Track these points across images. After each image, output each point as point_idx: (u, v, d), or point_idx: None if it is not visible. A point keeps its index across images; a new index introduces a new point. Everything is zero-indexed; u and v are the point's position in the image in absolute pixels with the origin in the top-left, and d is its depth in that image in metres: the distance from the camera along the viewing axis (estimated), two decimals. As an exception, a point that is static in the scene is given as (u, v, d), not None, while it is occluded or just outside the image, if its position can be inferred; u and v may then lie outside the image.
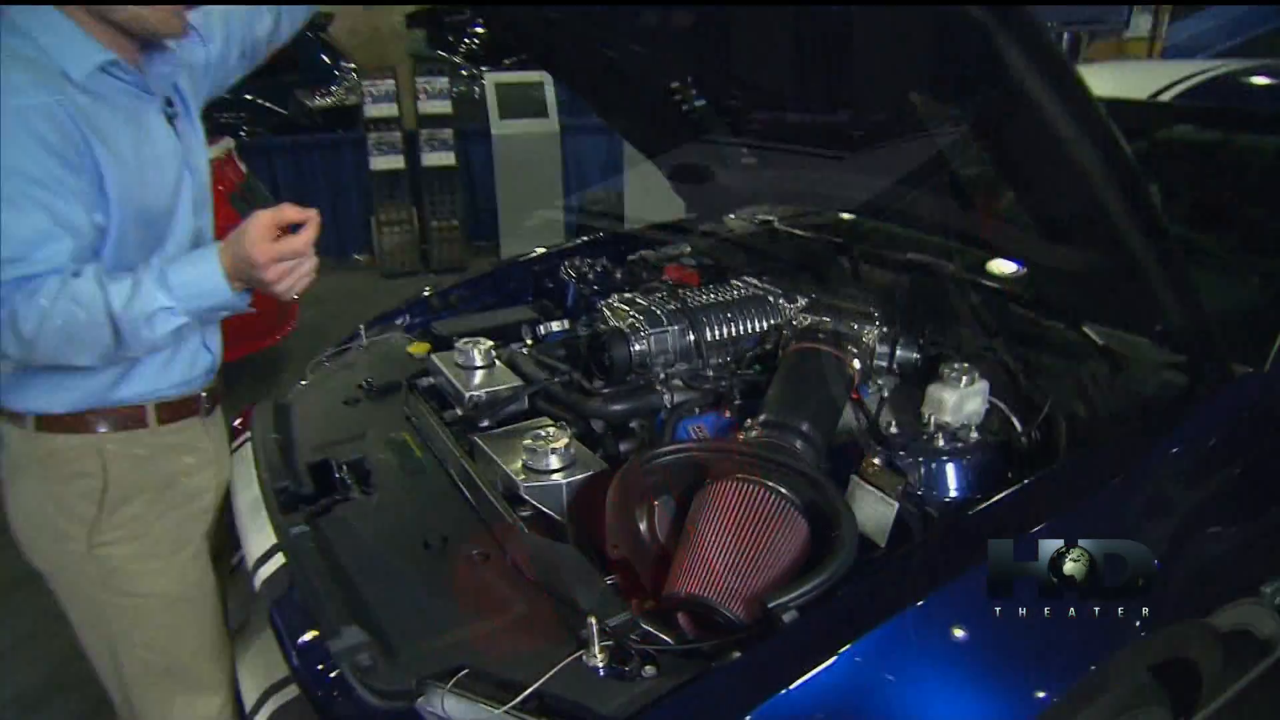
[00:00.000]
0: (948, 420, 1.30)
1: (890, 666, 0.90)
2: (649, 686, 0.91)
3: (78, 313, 0.99)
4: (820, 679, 0.88)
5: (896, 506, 1.17)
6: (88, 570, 1.22)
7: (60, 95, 1.01)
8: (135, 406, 1.20)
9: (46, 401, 1.16)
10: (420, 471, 1.38)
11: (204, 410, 1.32)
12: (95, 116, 1.05)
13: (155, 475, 1.24)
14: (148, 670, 1.26)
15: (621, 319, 1.58)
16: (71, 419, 1.17)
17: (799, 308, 1.64)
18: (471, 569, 1.12)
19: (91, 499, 1.19)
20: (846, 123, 1.63)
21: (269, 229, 1.03)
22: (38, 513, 1.21)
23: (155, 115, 1.17)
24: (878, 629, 0.91)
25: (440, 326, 1.92)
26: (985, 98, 1.06)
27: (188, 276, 1.04)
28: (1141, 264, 1.13)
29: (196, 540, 1.31)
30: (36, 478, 1.19)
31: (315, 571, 1.12)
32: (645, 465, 1.20)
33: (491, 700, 0.91)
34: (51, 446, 1.17)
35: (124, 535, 1.21)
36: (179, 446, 1.27)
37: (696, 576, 1.04)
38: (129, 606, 1.23)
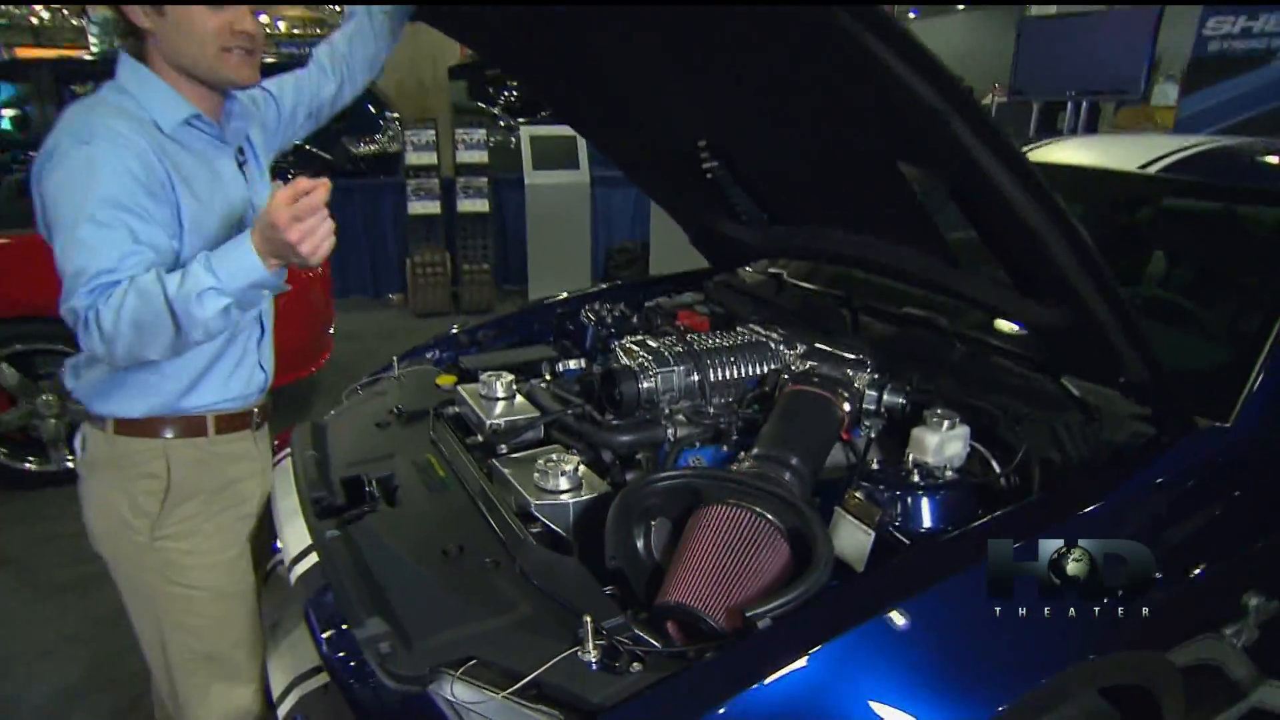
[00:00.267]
0: (929, 460, 1.41)
1: (851, 669, 1.00)
2: (635, 680, 1.02)
3: (141, 304, 1.09)
4: (787, 678, 0.98)
5: (874, 536, 1.28)
6: (148, 560, 1.36)
7: (152, 141, 1.20)
8: (198, 416, 1.36)
9: (125, 407, 1.31)
10: (442, 489, 1.51)
11: (255, 425, 1.47)
12: (178, 160, 1.24)
13: (210, 479, 1.39)
14: (191, 656, 1.39)
15: (632, 358, 1.72)
16: (143, 424, 1.32)
17: (797, 354, 1.77)
18: (483, 575, 1.25)
19: (156, 496, 1.34)
20: (848, 187, 1.77)
21: (287, 198, 1.07)
22: (109, 506, 1.36)
23: (228, 162, 1.35)
24: (841, 636, 1.01)
25: (467, 361, 2.07)
26: (954, 169, 1.20)
27: (228, 258, 1.11)
28: (1099, 321, 1.25)
29: (242, 541, 1.45)
30: (111, 475, 1.35)
31: (344, 570, 1.25)
32: (645, 488, 1.32)
33: (494, 687, 1.03)
34: (126, 448, 1.33)
35: (181, 531, 1.36)
36: (232, 455, 1.42)
37: (686, 588, 1.15)
38: (180, 596, 1.37)
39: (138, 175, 1.16)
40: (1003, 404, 1.53)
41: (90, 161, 1.13)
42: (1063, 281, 1.21)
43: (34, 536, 2.86)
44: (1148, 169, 1.95)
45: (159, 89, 1.25)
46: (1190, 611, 1.31)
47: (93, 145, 1.14)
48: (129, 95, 1.24)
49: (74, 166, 1.14)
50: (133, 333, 1.10)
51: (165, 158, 1.21)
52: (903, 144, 1.30)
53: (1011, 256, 1.36)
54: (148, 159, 1.18)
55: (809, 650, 1.00)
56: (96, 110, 1.20)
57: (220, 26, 1.21)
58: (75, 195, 1.12)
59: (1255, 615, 1.36)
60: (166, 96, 1.25)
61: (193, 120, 1.27)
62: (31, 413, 3.11)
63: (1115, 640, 1.15)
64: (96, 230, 1.11)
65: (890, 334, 1.88)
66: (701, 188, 2.10)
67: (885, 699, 0.99)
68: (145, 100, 1.24)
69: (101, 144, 1.15)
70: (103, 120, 1.18)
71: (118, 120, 1.19)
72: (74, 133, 1.16)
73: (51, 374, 3.12)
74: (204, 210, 1.26)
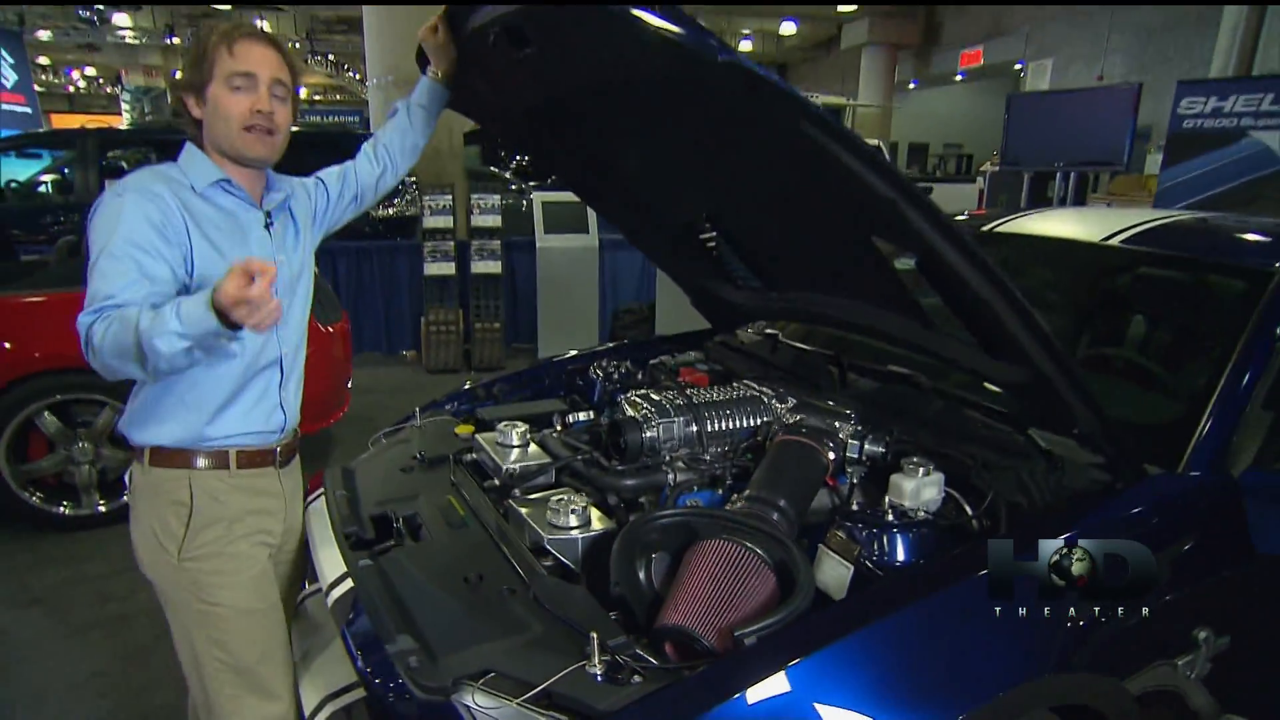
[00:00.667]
0: (905, 504, 1.55)
1: (824, 682, 1.14)
2: (635, 690, 1.15)
3: (121, 330, 1.23)
4: (764, 688, 1.11)
5: (852, 569, 1.42)
6: (180, 579, 1.51)
7: (184, 198, 1.42)
8: (221, 452, 1.51)
9: (157, 434, 1.48)
10: (462, 526, 1.66)
11: (278, 463, 1.61)
12: (199, 212, 1.45)
13: (230, 509, 1.53)
14: (222, 669, 1.52)
15: (637, 410, 1.88)
16: (173, 454, 1.49)
17: (787, 407, 1.93)
18: (500, 600, 1.39)
19: (182, 521, 1.49)
20: (833, 257, 1.96)
21: (240, 276, 1.15)
22: (147, 531, 1.51)
23: (255, 220, 1.55)
24: (815, 653, 1.15)
25: (483, 412, 2.24)
26: (913, 246, 1.39)
27: (193, 308, 1.20)
28: (1048, 377, 1.41)
29: (263, 563, 1.58)
30: (147, 502, 1.52)
31: (377, 594, 1.39)
32: (646, 524, 1.47)
33: (510, 696, 1.16)
34: (158, 477, 1.50)
35: (205, 553, 1.51)
36: (254, 490, 1.57)
37: (683, 612, 1.29)
38: (208, 613, 1.51)
39: (154, 220, 1.37)
40: (974, 453, 1.67)
41: (119, 208, 1.36)
42: (1014, 342, 1.38)
43: (65, 577, 3.00)
44: (1110, 240, 2.13)
45: (200, 159, 1.49)
46: (1143, 641, 1.43)
47: (124, 196, 1.37)
48: (177, 167, 1.49)
49: (107, 212, 1.36)
50: (112, 350, 1.24)
51: (187, 210, 1.42)
52: (871, 223, 1.49)
53: (972, 321, 1.53)
54: (167, 208, 1.39)
55: (785, 665, 1.14)
56: (141, 173, 1.44)
57: (244, 109, 1.43)
58: (103, 234, 1.34)
59: (1206, 648, 1.48)
60: (204, 164, 1.49)
61: (222, 183, 1.49)
62: (67, 458, 3.28)
63: (1068, 663, 1.27)
64: (110, 262, 1.31)
65: (875, 389, 2.04)
66: (702, 256, 2.29)
67: (850, 707, 1.12)
68: (188, 168, 1.48)
69: (131, 195, 1.37)
70: (140, 179, 1.41)
71: (153, 180, 1.42)
72: (116, 189, 1.40)
73: (89, 422, 3.29)
74: (218, 255, 1.44)
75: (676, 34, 1.17)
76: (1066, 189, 6.63)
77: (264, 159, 1.51)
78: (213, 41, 1.44)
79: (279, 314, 1.21)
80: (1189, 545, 1.52)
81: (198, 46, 1.46)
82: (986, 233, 2.36)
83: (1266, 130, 5.38)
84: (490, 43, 1.59)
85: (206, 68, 1.43)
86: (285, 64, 1.49)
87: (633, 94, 1.63)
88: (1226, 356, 1.66)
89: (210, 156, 1.49)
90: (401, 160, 1.84)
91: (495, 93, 1.92)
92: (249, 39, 1.45)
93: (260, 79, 1.44)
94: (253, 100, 1.44)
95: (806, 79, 22.17)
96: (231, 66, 1.42)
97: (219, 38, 1.44)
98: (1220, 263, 1.96)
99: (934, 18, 17.50)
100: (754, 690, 1.12)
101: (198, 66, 1.44)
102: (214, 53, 1.42)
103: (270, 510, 1.60)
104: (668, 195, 2.15)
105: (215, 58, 1.42)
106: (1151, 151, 9.02)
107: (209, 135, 1.47)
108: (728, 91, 1.29)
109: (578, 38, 1.44)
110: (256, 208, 1.55)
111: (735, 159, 1.72)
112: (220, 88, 1.43)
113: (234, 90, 1.43)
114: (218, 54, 1.42)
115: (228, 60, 1.42)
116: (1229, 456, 1.57)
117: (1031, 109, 7.12)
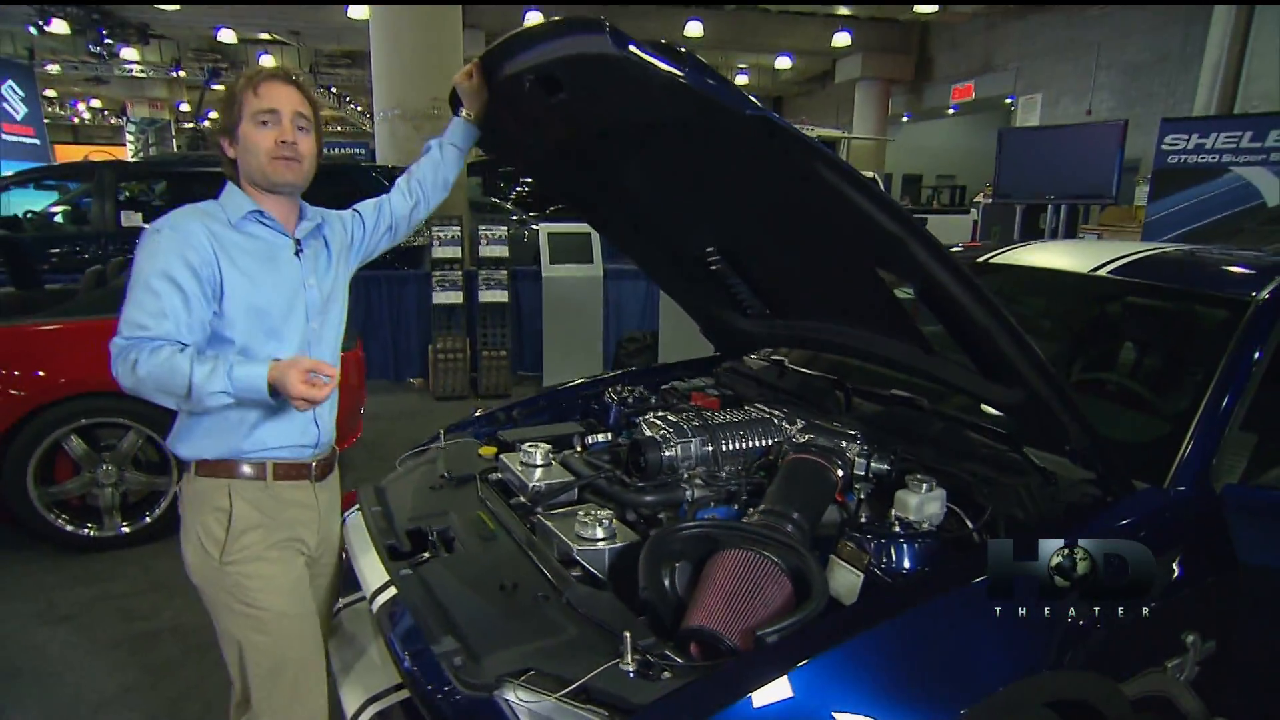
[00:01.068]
0: (910, 517, 1.66)
1: (837, 678, 1.24)
2: (666, 685, 1.25)
3: (169, 374, 1.42)
4: (786, 684, 1.21)
5: (862, 577, 1.52)
6: (223, 582, 1.61)
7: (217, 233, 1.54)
8: (259, 462, 1.62)
9: (199, 448, 1.59)
10: (493, 539, 1.76)
11: (314, 476, 1.71)
12: (231, 243, 1.57)
13: (267, 517, 1.63)
14: (259, 669, 1.62)
15: (655, 431, 1.99)
16: (216, 465, 1.60)
17: (797, 428, 2.04)
18: (535, 605, 1.49)
19: (222, 526, 1.60)
20: (838, 288, 2.09)
21: (304, 371, 1.42)
22: (193, 537, 1.62)
23: (285, 246, 1.66)
24: (826, 651, 1.25)
25: (505, 434, 2.35)
26: (917, 278, 1.51)
27: (246, 377, 1.44)
28: (1042, 397, 1.53)
29: (299, 570, 1.67)
30: (193, 510, 1.62)
31: (420, 600, 1.49)
32: (671, 535, 1.57)
33: (550, 691, 1.26)
34: (203, 487, 1.61)
35: (244, 558, 1.60)
36: (290, 501, 1.66)
37: (707, 615, 1.39)
38: (248, 614, 1.60)
39: (188, 258, 1.50)
40: (974, 470, 1.79)
41: (157, 244, 1.49)
42: (1011, 366, 1.50)
43: (91, 596, 3.07)
44: (1099, 271, 2.27)
45: (237, 194, 1.62)
46: (1136, 642, 1.53)
47: (161, 233, 1.50)
48: (216, 203, 1.61)
49: (147, 246, 1.50)
50: (155, 385, 1.44)
51: (218, 242, 1.55)
52: (877, 257, 1.62)
53: (970, 346, 1.65)
54: (200, 243, 1.52)
55: (800, 662, 1.24)
56: (180, 211, 1.56)
57: (270, 141, 1.57)
58: (142, 266, 1.48)
59: (1194, 652, 1.58)
60: (240, 198, 1.61)
61: (254, 214, 1.62)
62: (92, 481, 3.36)
63: (1064, 661, 1.38)
64: (145, 294, 1.46)
65: (878, 412, 2.15)
66: (712, 286, 2.42)
67: (865, 699, 1.22)
68: (225, 203, 1.61)
69: (167, 232, 1.50)
70: (177, 217, 1.54)
71: (189, 218, 1.55)
72: (156, 225, 1.53)
73: (113, 446, 3.38)
74: (247, 280, 1.57)
75: (712, 90, 1.29)
76: (1058, 220, 6.83)
77: (293, 184, 1.63)
78: (240, 86, 1.59)
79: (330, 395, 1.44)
80: (1175, 554, 1.63)
81: (228, 95, 1.62)
82: (982, 263, 2.49)
83: (1247, 166, 5.60)
84: (525, 89, 1.72)
85: (236, 110, 1.58)
86: (305, 98, 1.62)
87: (654, 135, 1.76)
88: (1208, 380, 1.78)
89: (246, 190, 1.62)
90: (433, 194, 1.96)
91: (522, 132, 2.06)
92: (271, 80, 1.59)
93: (283, 114, 1.57)
94: (278, 133, 1.58)
95: (802, 112, 22.60)
96: (257, 105, 1.57)
97: (245, 82, 1.59)
98: (1201, 292, 2.09)
99: (926, 53, 17.94)
100: (776, 683, 1.22)
101: (228, 111, 1.59)
102: (241, 95, 1.57)
103: (304, 521, 1.69)
104: (681, 228, 2.28)
105: (243, 100, 1.57)
106: (1140, 184, 9.30)
107: (243, 170, 1.61)
108: (749, 137, 1.42)
109: (613, 88, 1.56)
110: (288, 236, 1.67)
111: (748, 195, 1.86)
112: (249, 125, 1.57)
113: (260, 126, 1.57)
114: (245, 96, 1.57)
115: (254, 100, 1.57)
116: (1211, 472, 1.69)
117: (1023, 144, 7.34)
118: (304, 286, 1.67)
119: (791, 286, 2.25)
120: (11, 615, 2.94)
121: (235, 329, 1.56)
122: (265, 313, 1.60)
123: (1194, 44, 11.03)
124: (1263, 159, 5.67)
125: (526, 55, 1.67)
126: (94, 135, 27.20)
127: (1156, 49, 12.41)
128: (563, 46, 1.53)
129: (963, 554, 1.52)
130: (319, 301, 1.71)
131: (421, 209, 1.96)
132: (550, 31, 1.56)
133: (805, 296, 2.25)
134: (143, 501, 3.50)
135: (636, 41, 1.34)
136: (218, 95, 16.76)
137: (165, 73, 19.48)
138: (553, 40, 1.56)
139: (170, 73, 19.39)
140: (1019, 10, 14.22)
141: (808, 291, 2.21)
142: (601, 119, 1.79)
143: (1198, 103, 9.20)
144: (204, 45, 18.68)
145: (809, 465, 1.82)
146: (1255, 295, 1.90)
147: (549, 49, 1.58)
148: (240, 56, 18.95)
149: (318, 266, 1.73)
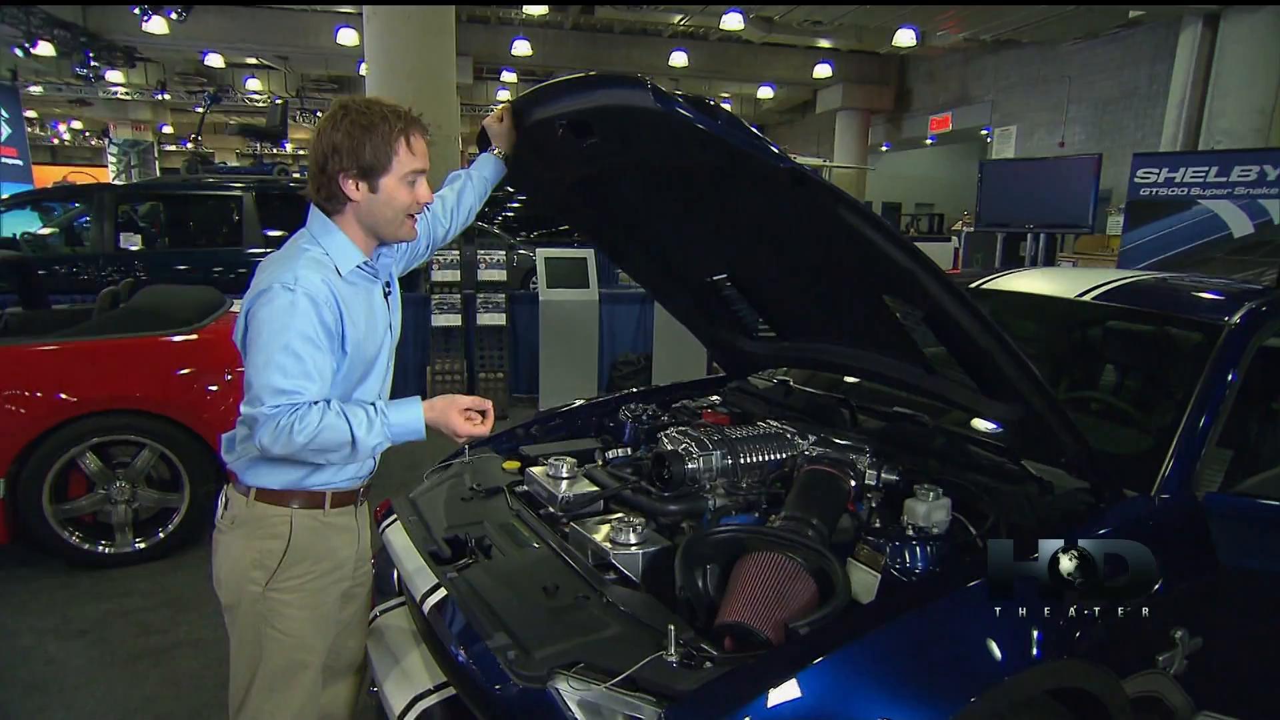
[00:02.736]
0: (919, 524, 1.79)
1: (865, 666, 1.36)
2: (708, 674, 1.35)
3: (334, 435, 1.47)
4: (806, 675, 1.33)
5: (880, 577, 1.65)
6: (259, 607, 1.62)
7: (334, 285, 1.55)
8: (319, 492, 1.67)
9: (266, 479, 1.63)
10: (529, 545, 1.86)
11: (359, 501, 1.78)
12: (347, 296, 1.58)
13: (319, 545, 1.66)
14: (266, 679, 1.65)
15: (678, 445, 2.11)
16: (277, 494, 1.63)
17: (810, 442, 2.17)
18: (577, 605, 1.59)
19: (276, 555, 1.62)
20: (844, 312, 2.23)
21: (462, 410, 1.58)
22: (237, 558, 1.63)
23: (377, 292, 1.71)
24: (856, 641, 1.37)
25: (527, 449, 2.46)
26: (925, 306, 1.66)
27: (401, 424, 1.53)
28: (1039, 412, 1.67)
29: (332, 601, 1.70)
30: (244, 533, 1.63)
31: (469, 600, 1.59)
32: (702, 540, 1.69)
33: (600, 681, 1.36)
34: (262, 512, 1.63)
35: (289, 586, 1.63)
36: (337, 527, 1.70)
37: (740, 610, 1.50)
38: (275, 636, 1.63)
39: (324, 320, 1.50)
40: (976, 481, 1.92)
41: (293, 305, 1.47)
42: (1010, 383, 1.65)
43: (106, 611, 3.11)
44: (1084, 296, 2.43)
45: (341, 242, 1.59)
46: (1131, 636, 1.66)
47: (296, 293, 1.47)
48: (318, 245, 1.58)
49: (280, 306, 1.47)
50: (317, 448, 1.49)
51: (339, 297, 1.54)
52: (886, 286, 1.76)
53: (972, 366, 1.79)
54: (332, 304, 1.51)
55: (831, 651, 1.36)
56: (299, 261, 1.52)
57: (413, 200, 1.59)
58: (278, 327, 1.46)
59: (1182, 647, 1.72)
60: (346, 248, 1.59)
61: (360, 265, 1.64)
62: (105, 498, 3.41)
63: (1063, 649, 1.51)
64: (289, 358, 1.46)
65: (883, 427, 2.29)
66: (721, 310, 2.55)
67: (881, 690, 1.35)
68: (330, 249, 1.58)
69: (304, 296, 1.48)
70: (305, 272, 1.50)
71: (313, 272, 1.51)
72: (284, 281, 1.48)
73: (126, 463, 3.43)
74: (361, 333, 1.61)
75: (745, 143, 1.43)
76: (1037, 248, 7.10)
77: (413, 238, 1.68)
78: (394, 133, 1.52)
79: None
80: (1162, 556, 1.76)
81: (374, 134, 1.51)
82: (974, 289, 2.65)
83: (1214, 199, 5.90)
84: (556, 133, 1.84)
85: (385, 158, 1.52)
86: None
87: (676, 175, 1.90)
88: (1187, 397, 1.94)
89: (350, 235, 1.59)
90: (461, 218, 2.04)
91: (547, 169, 2.18)
92: (420, 134, 1.57)
93: (426, 171, 1.59)
94: (420, 192, 1.58)
95: (783, 140, 23.06)
96: (411, 165, 1.55)
97: (398, 131, 1.52)
98: (1179, 316, 2.26)
99: (904, 85, 18.45)
100: (812, 669, 1.33)
101: (370, 153, 1.51)
102: (395, 144, 1.52)
103: (347, 542, 1.73)
104: (693, 257, 2.42)
105: (395, 150, 1.52)
106: (1112, 214, 9.65)
107: (365, 216, 1.57)
108: (774, 183, 1.55)
109: (647, 136, 1.68)
110: (377, 278, 1.69)
111: (763, 229, 2.00)
112: (396, 180, 1.55)
113: (408, 185, 1.56)
114: (398, 147, 1.52)
115: (408, 157, 1.54)
116: (1193, 481, 1.84)
117: (1003, 175, 7.64)
118: (390, 329, 1.72)
119: (799, 311, 2.39)
120: (28, 630, 2.98)
121: (338, 374, 1.58)
122: (366, 358, 1.63)
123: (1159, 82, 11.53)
124: (1228, 193, 5.98)
125: (562, 102, 1.79)
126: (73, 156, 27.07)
127: (1124, 84, 12.93)
128: (601, 97, 1.65)
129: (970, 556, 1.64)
130: (394, 338, 1.76)
131: (449, 234, 2.05)
132: (588, 84, 1.66)
133: (812, 320, 2.38)
134: (152, 518, 3.54)
135: (678, 100, 1.44)
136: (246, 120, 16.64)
137: (150, 95, 19.51)
138: (590, 91, 1.67)
139: (155, 95, 19.42)
140: (994, 45, 14.74)
141: (815, 316, 2.35)
142: (627, 160, 1.92)
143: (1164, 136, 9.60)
144: (190, 69, 18.76)
145: (823, 476, 1.95)
146: (1228, 320, 2.07)
147: (585, 98, 1.69)
148: (227, 80, 19.05)
149: (393, 305, 1.76)
